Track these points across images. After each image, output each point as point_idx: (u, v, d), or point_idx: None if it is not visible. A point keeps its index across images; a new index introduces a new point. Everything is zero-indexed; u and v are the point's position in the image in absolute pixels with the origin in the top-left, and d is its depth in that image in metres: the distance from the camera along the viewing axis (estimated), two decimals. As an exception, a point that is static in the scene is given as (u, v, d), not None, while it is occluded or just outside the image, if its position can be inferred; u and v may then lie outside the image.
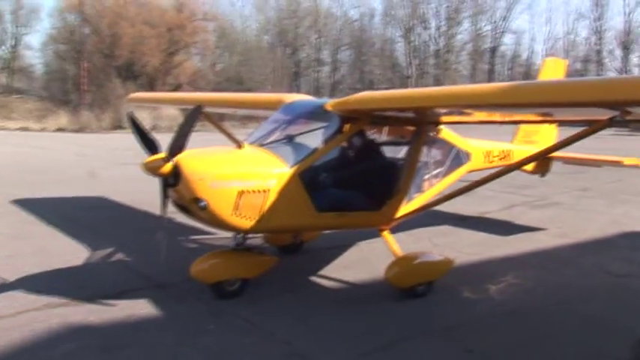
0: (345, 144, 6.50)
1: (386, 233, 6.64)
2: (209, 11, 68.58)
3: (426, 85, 74.09)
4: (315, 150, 5.98)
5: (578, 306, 6.22)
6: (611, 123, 5.00)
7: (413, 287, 6.17)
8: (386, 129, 7.12)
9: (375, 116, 6.49)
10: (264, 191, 5.58)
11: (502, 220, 10.88)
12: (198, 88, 57.20)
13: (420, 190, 7.06)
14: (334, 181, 6.13)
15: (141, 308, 5.69)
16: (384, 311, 5.86)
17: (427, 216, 10.54)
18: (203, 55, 69.92)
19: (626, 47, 70.16)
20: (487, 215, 11.27)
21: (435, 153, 7.36)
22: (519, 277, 7.16)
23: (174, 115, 36.55)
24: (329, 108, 6.31)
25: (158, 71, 57.24)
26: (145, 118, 38.71)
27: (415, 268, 6.32)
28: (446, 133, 7.42)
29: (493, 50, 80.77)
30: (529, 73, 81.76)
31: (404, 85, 75.38)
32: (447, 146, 7.54)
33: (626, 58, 70.32)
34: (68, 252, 7.72)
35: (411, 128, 6.90)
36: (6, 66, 69.82)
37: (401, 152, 6.95)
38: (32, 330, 5.09)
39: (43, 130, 36.96)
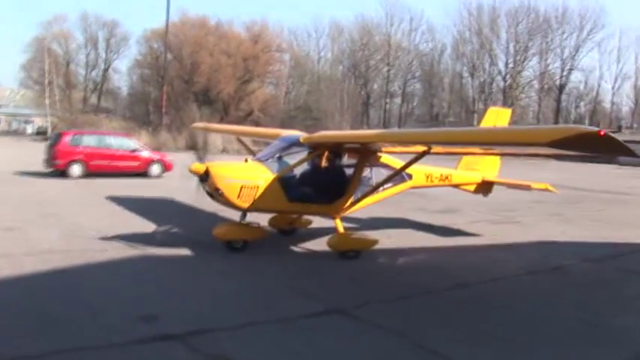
0: (310, 162, 10.34)
1: (338, 221, 10.42)
2: (283, 43, 73.00)
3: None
4: (290, 165, 9.99)
5: (449, 270, 9.77)
6: (424, 154, 9.04)
7: (345, 252, 9.93)
8: (342, 153, 10.92)
9: (332, 146, 10.41)
10: (256, 187, 9.58)
11: (456, 228, 13.89)
12: (268, 115, 61.35)
13: (365, 195, 10.77)
14: (301, 183, 10.07)
15: (185, 251, 9.89)
16: (322, 262, 9.74)
17: (403, 223, 14.19)
18: (276, 84, 74.42)
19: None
20: (451, 226, 14.37)
21: (380, 171, 11.04)
22: (427, 257, 10.85)
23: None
24: (302, 140, 10.32)
25: (232, 98, 61.16)
26: (215, 140, 43.68)
27: (349, 240, 10.10)
28: (386, 158, 11.02)
29: (561, 88, 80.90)
30: (596, 110, 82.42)
31: (469, 119, 76.88)
32: (390, 168, 11.23)
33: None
34: (143, 226, 12.03)
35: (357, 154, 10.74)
36: (97, 88, 77.43)
37: (350, 168, 10.61)
38: (125, 255, 9.36)
39: (127, 147, 41.91)
